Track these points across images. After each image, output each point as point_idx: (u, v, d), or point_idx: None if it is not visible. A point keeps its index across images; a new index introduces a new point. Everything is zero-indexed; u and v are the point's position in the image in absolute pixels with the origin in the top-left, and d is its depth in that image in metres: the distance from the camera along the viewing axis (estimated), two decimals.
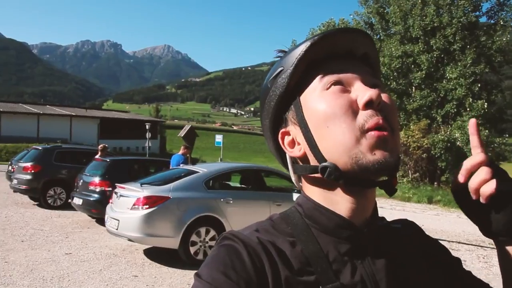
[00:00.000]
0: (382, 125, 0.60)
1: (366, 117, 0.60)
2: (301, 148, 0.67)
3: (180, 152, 9.86)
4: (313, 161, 0.66)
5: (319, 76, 0.66)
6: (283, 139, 0.71)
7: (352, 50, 0.68)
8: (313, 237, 0.65)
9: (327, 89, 0.64)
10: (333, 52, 0.66)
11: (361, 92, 0.62)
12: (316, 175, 0.66)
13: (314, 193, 0.68)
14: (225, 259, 0.59)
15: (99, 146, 11.28)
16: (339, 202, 0.65)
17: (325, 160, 0.63)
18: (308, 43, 0.64)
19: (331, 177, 0.62)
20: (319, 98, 0.64)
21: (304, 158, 0.68)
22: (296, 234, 0.65)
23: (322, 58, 0.66)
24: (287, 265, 0.61)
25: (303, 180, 0.72)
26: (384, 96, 0.64)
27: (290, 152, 0.69)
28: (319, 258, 0.62)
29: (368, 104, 0.61)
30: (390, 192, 0.67)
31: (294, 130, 0.69)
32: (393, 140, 0.61)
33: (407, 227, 0.79)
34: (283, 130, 0.71)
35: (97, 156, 10.34)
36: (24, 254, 6.27)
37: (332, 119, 0.62)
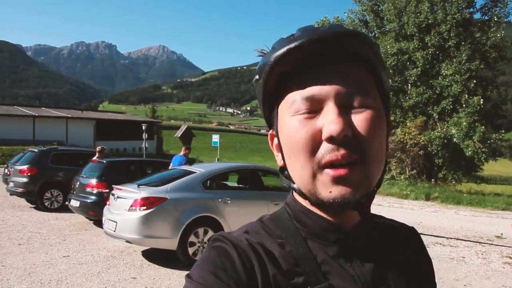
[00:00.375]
0: (341, 161, 0.57)
1: (325, 152, 0.58)
2: (282, 159, 0.67)
3: (182, 153, 9.90)
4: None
5: (289, 94, 0.63)
6: (272, 140, 0.71)
7: (333, 54, 0.61)
8: (302, 239, 0.65)
9: (295, 114, 0.61)
10: (309, 58, 0.61)
11: (326, 124, 0.58)
12: None
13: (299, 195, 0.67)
14: (216, 260, 0.60)
15: (97, 148, 11.25)
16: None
17: (294, 182, 0.65)
18: (272, 58, 0.61)
19: (303, 197, 0.64)
20: (286, 123, 0.63)
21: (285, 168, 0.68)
22: (285, 236, 0.66)
23: (296, 67, 0.62)
24: (276, 266, 0.61)
25: None
26: (359, 119, 0.59)
27: (276, 156, 0.70)
28: (307, 260, 0.63)
29: (330, 139, 0.57)
30: (361, 214, 0.65)
31: (276, 135, 0.69)
32: (359, 174, 0.58)
33: (406, 230, 0.79)
34: (271, 132, 0.70)
35: (95, 158, 10.30)
36: (22, 257, 6.23)
37: (293, 151, 0.61)
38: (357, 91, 0.60)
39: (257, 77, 0.66)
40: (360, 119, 0.59)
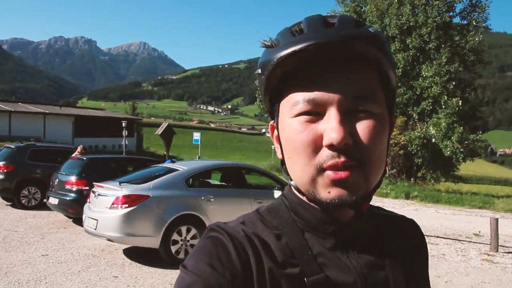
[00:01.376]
0: (340, 167, 0.57)
1: (326, 157, 0.58)
2: (281, 152, 0.67)
3: None
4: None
5: (292, 94, 0.62)
6: (272, 130, 0.71)
7: (340, 56, 0.59)
8: (299, 230, 0.65)
9: (296, 115, 0.60)
10: (314, 60, 0.59)
11: (327, 130, 0.57)
12: None
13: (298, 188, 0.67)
14: (211, 250, 0.60)
15: (78, 149, 11.05)
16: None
17: (292, 179, 0.65)
18: (276, 59, 0.59)
19: (300, 194, 0.65)
20: (286, 123, 0.62)
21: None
22: (281, 227, 0.66)
23: (300, 67, 0.60)
24: (272, 257, 0.62)
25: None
26: (362, 126, 0.59)
27: (276, 148, 0.69)
28: (303, 251, 0.63)
29: (331, 146, 0.57)
30: (357, 213, 0.65)
31: (276, 129, 0.68)
32: (358, 177, 0.58)
33: (405, 221, 0.79)
34: (272, 123, 0.70)
35: (74, 155, 10.10)
36: None
37: (293, 152, 0.61)
38: (361, 97, 0.59)
39: (259, 71, 0.64)
40: (362, 127, 0.59)
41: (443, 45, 21.93)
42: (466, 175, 43.15)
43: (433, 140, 21.51)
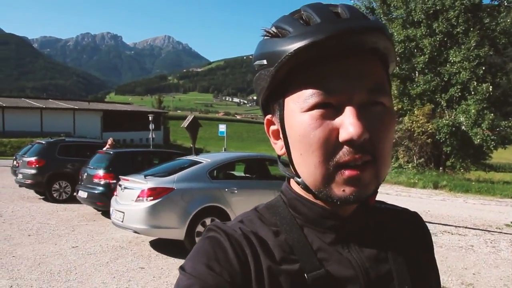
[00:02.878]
0: (358, 163, 0.56)
1: (342, 154, 0.56)
2: (282, 147, 0.65)
3: None
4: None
5: (302, 88, 0.58)
6: (268, 126, 0.68)
7: (354, 48, 0.57)
8: (297, 226, 0.65)
9: (308, 109, 0.57)
10: (328, 51, 0.57)
11: (345, 125, 0.55)
12: None
13: (296, 184, 0.66)
14: (208, 251, 0.60)
15: (108, 141, 11.38)
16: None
17: (299, 176, 0.62)
18: (293, 49, 0.56)
19: (306, 190, 0.63)
20: (298, 119, 0.59)
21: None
22: (280, 224, 0.65)
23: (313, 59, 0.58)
24: (270, 254, 0.61)
25: None
26: (376, 120, 0.58)
27: (274, 144, 0.67)
28: (303, 247, 0.62)
29: (349, 142, 0.55)
30: (366, 208, 0.65)
31: (277, 125, 0.65)
32: (371, 174, 0.58)
33: (408, 215, 0.78)
34: (269, 117, 0.67)
35: (104, 149, 10.39)
36: (31, 248, 6.29)
37: (306, 149, 0.58)
38: (375, 89, 0.58)
39: (264, 62, 0.60)
40: (376, 121, 0.58)
41: (471, 29, 21.13)
42: (498, 163, 41.76)
43: (463, 127, 20.87)
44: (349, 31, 0.54)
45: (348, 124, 0.55)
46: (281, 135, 0.64)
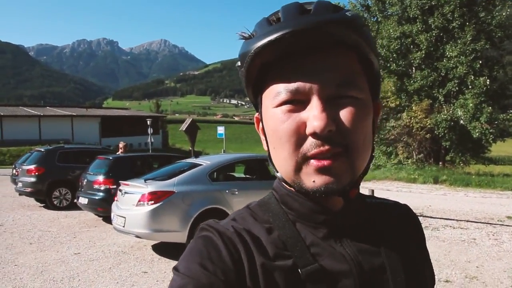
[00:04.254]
0: (325, 155, 0.57)
1: (310, 146, 0.57)
2: (266, 144, 0.67)
3: None
4: None
5: (273, 84, 0.61)
6: (257, 123, 0.70)
7: (318, 43, 0.58)
8: (290, 222, 0.65)
9: (279, 105, 0.60)
10: (292, 48, 0.58)
11: (310, 119, 0.57)
12: None
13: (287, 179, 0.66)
14: (201, 250, 0.60)
15: (120, 144, 11.35)
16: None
17: (278, 171, 0.64)
18: (253, 50, 0.59)
19: (287, 185, 0.65)
20: (270, 114, 0.62)
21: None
22: (273, 221, 0.66)
23: (278, 57, 0.59)
24: (263, 251, 0.61)
25: None
26: (344, 112, 0.58)
27: (262, 140, 0.69)
28: (296, 242, 0.63)
29: (314, 134, 0.57)
30: (346, 200, 0.64)
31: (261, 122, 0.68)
32: (343, 164, 0.58)
33: (399, 208, 0.79)
34: (257, 115, 0.70)
35: (118, 153, 10.43)
36: (33, 256, 6.27)
37: (277, 143, 0.61)
38: (344, 83, 0.59)
39: (239, 63, 0.64)
40: (345, 113, 0.58)
41: (467, 23, 21.15)
42: (498, 156, 41.81)
43: (461, 122, 20.88)
44: (305, 26, 0.55)
45: (312, 117, 0.56)
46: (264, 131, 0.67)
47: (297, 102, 0.59)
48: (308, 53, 0.59)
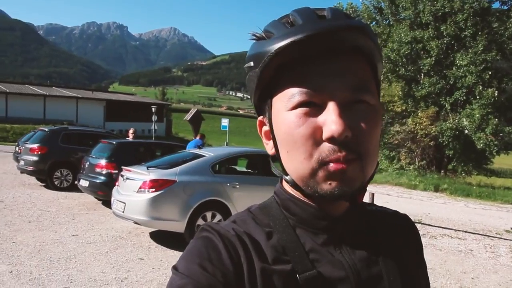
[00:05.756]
0: (342, 161, 0.57)
1: (327, 151, 0.58)
2: (273, 147, 0.67)
3: (198, 137, 10.88)
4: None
5: (288, 87, 0.61)
6: (260, 126, 0.70)
7: (336, 47, 0.59)
8: (290, 227, 0.66)
9: (293, 108, 0.59)
10: (312, 51, 0.59)
11: (328, 123, 0.57)
12: None
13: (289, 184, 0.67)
14: (201, 251, 0.60)
15: (130, 130, 11.45)
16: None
17: (287, 174, 0.64)
18: (274, 49, 0.58)
19: (295, 188, 0.64)
20: (283, 117, 0.61)
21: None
22: (273, 225, 0.66)
23: (296, 58, 0.60)
24: (262, 255, 0.61)
25: None
26: (360, 118, 0.59)
27: (266, 144, 0.69)
28: (295, 247, 0.63)
29: (331, 139, 0.57)
30: (353, 205, 0.65)
31: (268, 125, 0.67)
32: (356, 169, 0.58)
33: (398, 217, 0.80)
34: (260, 118, 0.70)
35: (127, 139, 10.47)
36: (32, 234, 6.31)
37: (291, 146, 0.60)
38: (359, 87, 0.60)
39: (251, 64, 0.63)
40: (360, 119, 0.59)
41: (479, 33, 21.00)
42: (500, 169, 41.63)
43: (466, 131, 20.81)
44: (328, 29, 0.56)
45: (330, 121, 0.56)
46: (271, 135, 0.66)
47: (313, 105, 0.59)
48: (324, 58, 0.59)
